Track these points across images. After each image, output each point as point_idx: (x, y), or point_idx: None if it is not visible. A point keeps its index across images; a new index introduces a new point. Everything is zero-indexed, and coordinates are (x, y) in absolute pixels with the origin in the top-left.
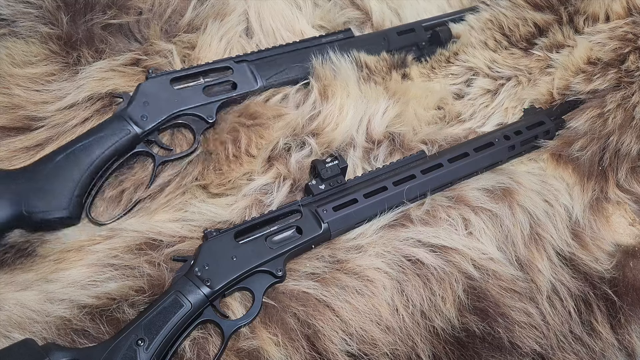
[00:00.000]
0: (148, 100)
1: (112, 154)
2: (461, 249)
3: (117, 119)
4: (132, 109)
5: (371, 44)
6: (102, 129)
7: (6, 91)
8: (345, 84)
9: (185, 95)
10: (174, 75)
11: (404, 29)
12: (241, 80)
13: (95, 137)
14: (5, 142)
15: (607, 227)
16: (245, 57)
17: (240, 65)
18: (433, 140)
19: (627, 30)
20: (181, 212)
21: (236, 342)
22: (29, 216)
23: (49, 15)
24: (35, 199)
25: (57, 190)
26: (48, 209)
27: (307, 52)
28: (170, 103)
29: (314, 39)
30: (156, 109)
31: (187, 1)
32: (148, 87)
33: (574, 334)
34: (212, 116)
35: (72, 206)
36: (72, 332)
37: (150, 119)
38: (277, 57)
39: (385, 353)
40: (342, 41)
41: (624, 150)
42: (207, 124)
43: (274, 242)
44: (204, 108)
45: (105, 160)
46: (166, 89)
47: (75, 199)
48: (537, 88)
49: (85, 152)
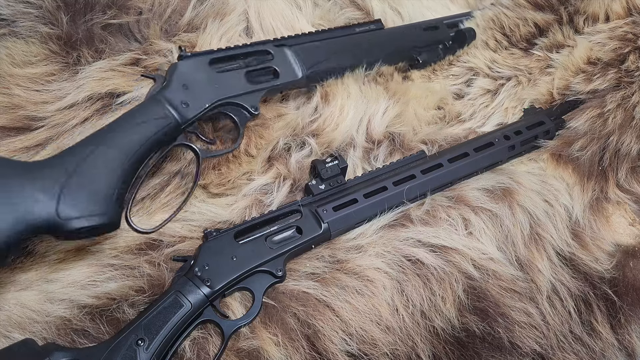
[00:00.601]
0: (187, 84)
1: (152, 146)
2: (461, 249)
3: (154, 103)
4: (171, 92)
5: (399, 37)
6: (137, 116)
7: (6, 91)
8: (346, 85)
9: (228, 80)
10: (213, 56)
11: (428, 25)
12: (283, 68)
13: (131, 126)
14: (5, 142)
15: (607, 227)
16: (284, 42)
17: (280, 50)
18: (433, 140)
19: (627, 30)
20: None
21: (236, 342)
22: (64, 223)
23: (49, 15)
24: (70, 202)
25: (95, 191)
26: (86, 213)
27: (346, 42)
28: (212, 89)
29: (348, 27)
30: (197, 95)
31: (187, 1)
32: (185, 67)
33: (574, 334)
34: (256, 107)
35: (113, 210)
36: (72, 332)
37: (193, 106)
38: (317, 43)
39: (385, 353)
40: (372, 32)
41: (624, 150)
42: (251, 116)
43: (274, 242)
44: (248, 97)
45: (145, 154)
46: (206, 72)
47: (114, 202)
48: (537, 88)
49: (122, 144)
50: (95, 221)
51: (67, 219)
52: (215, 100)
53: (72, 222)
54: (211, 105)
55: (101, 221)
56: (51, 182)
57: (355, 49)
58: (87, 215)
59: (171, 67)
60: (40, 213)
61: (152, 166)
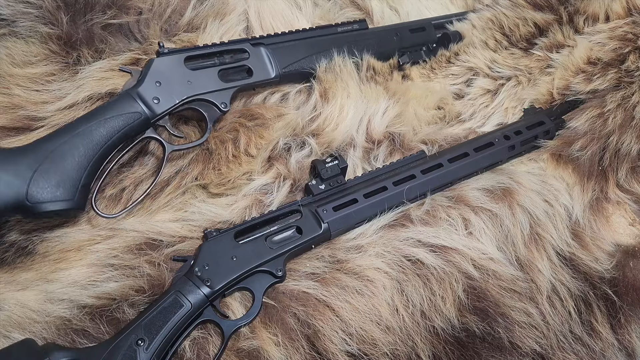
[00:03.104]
0: (160, 80)
1: (120, 139)
2: (461, 249)
3: (126, 98)
4: (144, 89)
5: (384, 37)
6: (109, 110)
7: (6, 91)
8: (345, 85)
9: (200, 78)
10: (188, 54)
11: (415, 26)
12: (257, 66)
13: (102, 119)
14: (6, 142)
15: (607, 227)
16: (262, 40)
17: (256, 49)
18: (433, 140)
19: (627, 30)
20: (181, 212)
21: (236, 342)
22: (32, 206)
23: (49, 15)
24: (38, 187)
25: (63, 177)
26: (53, 198)
27: (325, 43)
28: (185, 85)
29: (330, 27)
30: (169, 91)
31: (187, 1)
32: (161, 64)
33: (574, 334)
34: (227, 104)
35: (78, 197)
36: (72, 332)
37: (163, 102)
38: (294, 43)
39: (385, 353)
40: (356, 32)
41: (624, 150)
42: (220, 112)
43: (274, 242)
44: (219, 94)
45: (113, 145)
46: (180, 69)
47: (81, 189)
48: (537, 88)
49: (93, 135)
50: (61, 205)
51: (35, 203)
52: (185, 97)
53: (40, 205)
54: (181, 102)
55: (67, 206)
56: (24, 168)
57: (336, 49)
58: (54, 200)
59: (147, 62)
60: (11, 196)
61: (120, 156)
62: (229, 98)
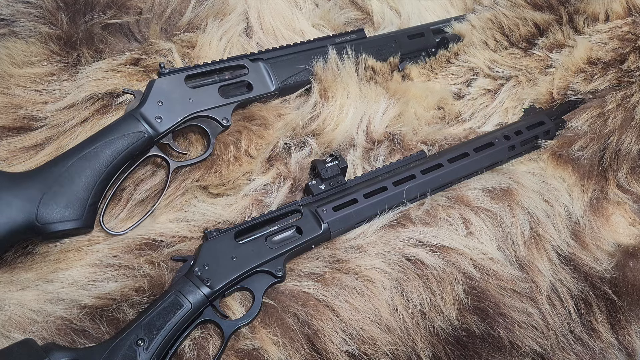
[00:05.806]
0: (162, 100)
1: (126, 158)
2: (461, 249)
3: (130, 119)
4: (146, 109)
5: (382, 46)
6: (114, 131)
7: (6, 91)
8: (345, 85)
9: (201, 95)
10: (188, 73)
11: (413, 32)
12: (257, 81)
13: (107, 140)
14: (5, 142)
15: (607, 227)
16: (261, 55)
17: (255, 64)
18: (433, 140)
19: (627, 30)
20: (181, 212)
21: (236, 342)
22: (42, 227)
23: (49, 15)
24: (48, 209)
25: (71, 198)
26: (62, 219)
27: (323, 53)
28: (186, 104)
29: (328, 38)
30: (171, 109)
31: (187, 1)
32: (162, 84)
33: (574, 334)
34: (228, 119)
35: (86, 216)
36: (72, 332)
37: (166, 120)
38: (293, 56)
39: (385, 353)
40: (354, 42)
41: (624, 150)
42: (223, 127)
43: (274, 242)
44: (220, 110)
45: (119, 165)
46: (181, 88)
47: (89, 208)
48: (537, 88)
49: (99, 156)
50: (70, 225)
51: (45, 223)
52: (188, 114)
53: (50, 226)
54: (183, 119)
55: (75, 225)
56: (34, 192)
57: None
58: (64, 220)
59: (149, 83)
60: (22, 218)
61: (126, 174)
62: (230, 113)
